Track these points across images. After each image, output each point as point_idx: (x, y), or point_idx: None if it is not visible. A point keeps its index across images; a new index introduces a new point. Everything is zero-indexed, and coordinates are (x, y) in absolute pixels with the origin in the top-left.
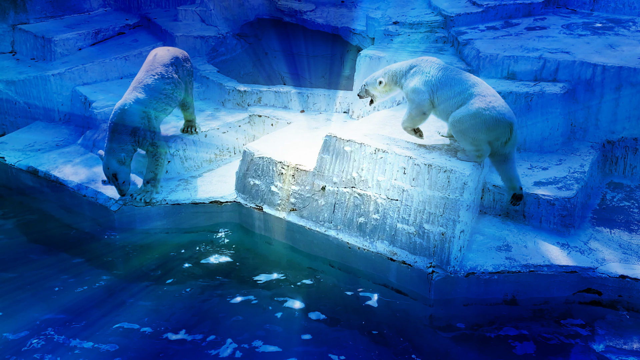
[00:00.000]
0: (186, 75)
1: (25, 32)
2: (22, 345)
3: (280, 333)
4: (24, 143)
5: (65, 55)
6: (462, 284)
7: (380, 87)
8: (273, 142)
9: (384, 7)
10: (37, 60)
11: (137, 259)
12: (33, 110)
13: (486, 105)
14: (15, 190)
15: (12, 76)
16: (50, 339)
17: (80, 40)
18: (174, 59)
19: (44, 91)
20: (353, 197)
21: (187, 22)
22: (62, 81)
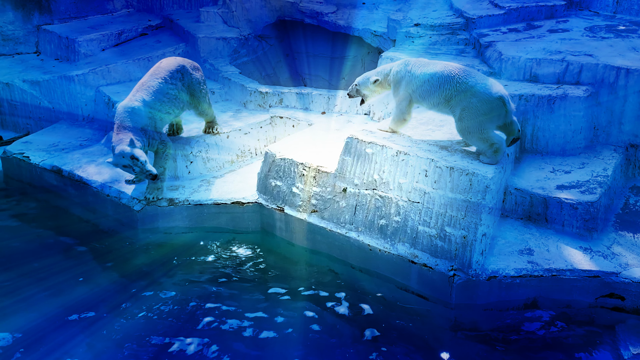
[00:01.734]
0: (194, 84)
1: (50, 33)
2: (34, 336)
3: (299, 334)
4: (48, 143)
5: (88, 55)
6: (483, 287)
7: (373, 85)
8: (294, 144)
9: (405, 9)
10: (61, 60)
11: (159, 257)
12: (57, 111)
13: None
14: (39, 188)
15: (36, 76)
16: (63, 331)
17: (103, 41)
18: (180, 67)
19: (67, 91)
20: (374, 199)
21: (209, 23)
22: (86, 82)
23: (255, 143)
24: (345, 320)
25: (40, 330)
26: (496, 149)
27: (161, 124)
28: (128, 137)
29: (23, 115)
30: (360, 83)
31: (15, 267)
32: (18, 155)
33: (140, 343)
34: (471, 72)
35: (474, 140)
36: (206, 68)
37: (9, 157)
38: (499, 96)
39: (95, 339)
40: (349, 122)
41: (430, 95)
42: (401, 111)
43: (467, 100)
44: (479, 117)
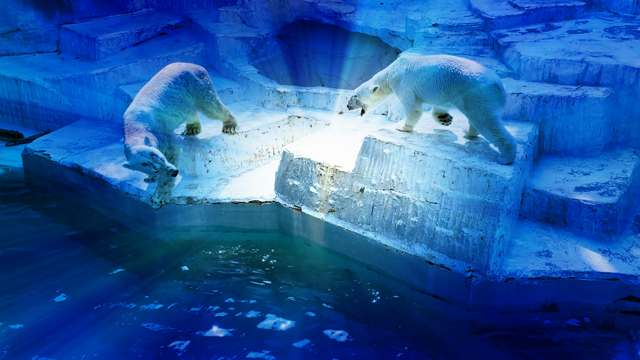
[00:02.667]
0: (198, 90)
1: (70, 32)
2: (49, 327)
3: (315, 334)
4: (68, 140)
5: (108, 54)
6: (501, 289)
7: (373, 94)
8: (312, 143)
9: (423, 9)
10: (81, 59)
11: (176, 255)
12: (77, 109)
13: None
14: (59, 186)
15: (57, 75)
16: (73, 325)
17: (123, 40)
18: (184, 74)
19: (88, 90)
20: (391, 199)
21: (228, 23)
22: (106, 80)
23: (273, 142)
24: (361, 320)
25: (54, 321)
26: (508, 146)
27: (170, 127)
28: (142, 137)
29: (44, 114)
30: (359, 94)
31: (32, 261)
32: (39, 153)
33: (153, 336)
34: (464, 62)
35: (485, 130)
36: (225, 67)
37: (29, 154)
38: (494, 83)
39: (108, 331)
40: (366, 122)
41: (429, 89)
42: (409, 105)
43: (466, 90)
44: (482, 103)
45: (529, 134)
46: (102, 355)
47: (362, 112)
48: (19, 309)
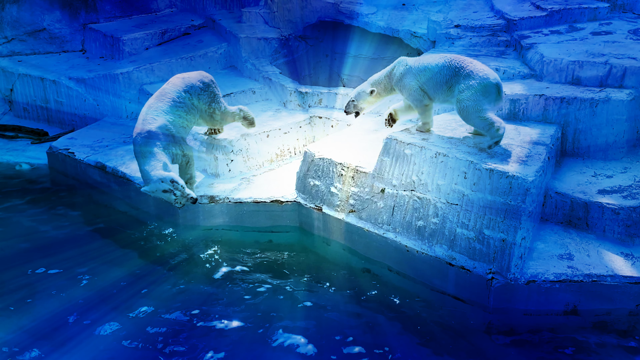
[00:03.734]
0: (203, 103)
1: (95, 31)
2: (62, 319)
3: (335, 334)
4: (92, 139)
5: (133, 54)
6: (522, 291)
7: (371, 97)
8: (333, 144)
9: (445, 10)
10: (106, 58)
11: (197, 253)
12: (101, 108)
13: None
14: (84, 184)
15: (82, 74)
16: (90, 316)
17: (147, 39)
18: (189, 87)
19: (112, 89)
20: (412, 200)
21: (251, 23)
22: (130, 80)
23: (295, 142)
24: (380, 321)
25: (72, 312)
26: (498, 127)
27: (180, 136)
28: (160, 161)
29: (68, 112)
30: (356, 98)
31: (53, 254)
32: (63, 151)
33: (169, 330)
34: (468, 59)
35: (474, 119)
36: (247, 68)
37: (54, 152)
38: (497, 82)
39: (124, 322)
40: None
41: (433, 85)
42: (418, 100)
43: (466, 82)
44: (478, 96)
45: (552, 136)
46: (117, 345)
47: (356, 114)
48: (40, 300)
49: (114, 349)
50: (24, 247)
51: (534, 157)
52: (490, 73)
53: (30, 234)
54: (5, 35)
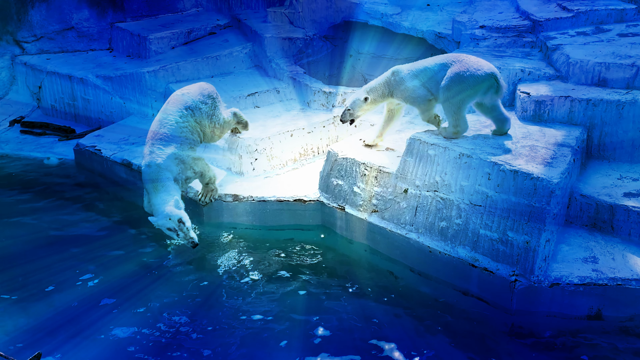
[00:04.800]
0: (204, 117)
1: (122, 30)
2: (74, 311)
3: (356, 333)
4: (119, 137)
5: (159, 53)
6: (545, 294)
7: (366, 104)
8: (356, 143)
9: (470, 10)
10: (132, 57)
11: (220, 250)
12: (128, 106)
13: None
14: (109, 181)
15: (109, 72)
16: (101, 309)
17: (173, 39)
18: (189, 104)
19: (138, 87)
20: (435, 201)
21: (276, 23)
22: (156, 78)
23: (318, 142)
24: (401, 321)
25: (85, 303)
26: (457, 132)
27: (190, 157)
28: (172, 197)
29: (95, 110)
30: (352, 106)
31: (78, 246)
32: (90, 148)
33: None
34: (464, 55)
35: (449, 113)
36: (272, 67)
37: (81, 149)
38: (491, 72)
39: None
40: (410, 123)
41: (435, 84)
42: (421, 96)
43: (458, 74)
44: (465, 91)
45: (577, 138)
46: (133, 335)
47: (351, 122)
48: (60, 291)
49: (131, 337)
50: (48, 240)
51: (559, 159)
52: (483, 67)
53: (55, 228)
54: (34, 34)
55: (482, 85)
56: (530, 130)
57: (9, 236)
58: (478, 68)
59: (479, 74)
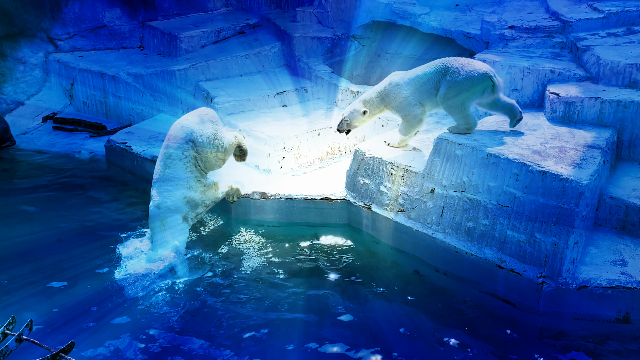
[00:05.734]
0: (207, 145)
1: (154, 29)
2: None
3: (380, 330)
4: (149, 134)
5: (189, 51)
6: (573, 297)
7: (364, 117)
8: (383, 143)
9: (499, 11)
10: (163, 55)
11: (246, 247)
12: (158, 103)
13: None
14: (139, 177)
15: (140, 70)
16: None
17: (203, 37)
18: (188, 136)
19: (169, 85)
20: (462, 201)
21: (305, 23)
22: (186, 76)
23: (345, 141)
24: (426, 320)
25: (105, 292)
26: (468, 127)
27: (199, 191)
28: (172, 242)
29: (126, 107)
30: (349, 117)
31: (106, 237)
32: (121, 145)
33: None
34: (455, 58)
35: (455, 114)
36: (300, 66)
37: (112, 145)
38: (484, 72)
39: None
40: (437, 123)
41: (425, 91)
42: (412, 106)
43: (453, 78)
44: (463, 93)
45: (607, 140)
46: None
47: (347, 132)
48: (82, 281)
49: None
50: (78, 232)
51: (588, 161)
52: (477, 65)
53: (85, 220)
54: (67, 32)
55: (478, 87)
56: (559, 131)
57: (42, 229)
58: (472, 70)
59: (474, 74)
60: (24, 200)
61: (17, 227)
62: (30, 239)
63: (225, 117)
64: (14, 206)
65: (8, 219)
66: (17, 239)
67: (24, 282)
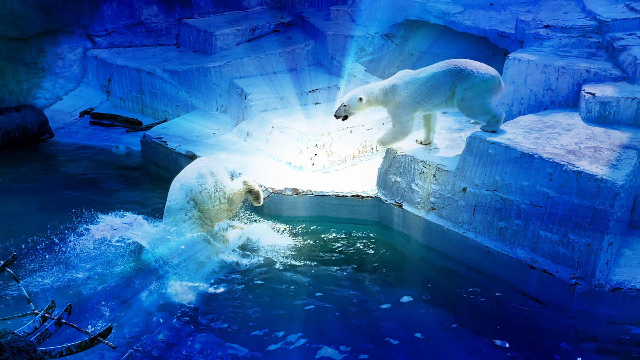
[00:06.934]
0: (208, 200)
1: (189, 26)
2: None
3: (411, 326)
4: (184, 129)
5: (224, 49)
6: (606, 298)
7: (361, 104)
8: (415, 141)
9: (534, 10)
10: (198, 52)
11: (280, 242)
12: (193, 99)
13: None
14: (174, 172)
15: (176, 66)
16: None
17: (238, 35)
18: (189, 191)
19: (204, 82)
20: (494, 200)
21: (338, 21)
22: (221, 73)
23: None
24: (456, 317)
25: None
26: (497, 120)
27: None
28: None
29: (162, 103)
30: (348, 103)
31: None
32: (156, 140)
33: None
34: (463, 60)
35: (478, 115)
36: (333, 65)
37: (147, 141)
38: (496, 75)
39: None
40: (469, 121)
41: (434, 93)
42: (407, 109)
43: (470, 82)
44: (482, 93)
45: None
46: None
47: (344, 117)
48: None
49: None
50: (106, 222)
51: (624, 161)
52: (488, 68)
53: (114, 208)
54: (105, 28)
55: (493, 87)
56: (594, 131)
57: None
58: (486, 72)
59: (489, 76)
60: (62, 188)
61: (58, 213)
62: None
63: (258, 113)
64: (54, 194)
65: (49, 208)
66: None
67: (57, 270)
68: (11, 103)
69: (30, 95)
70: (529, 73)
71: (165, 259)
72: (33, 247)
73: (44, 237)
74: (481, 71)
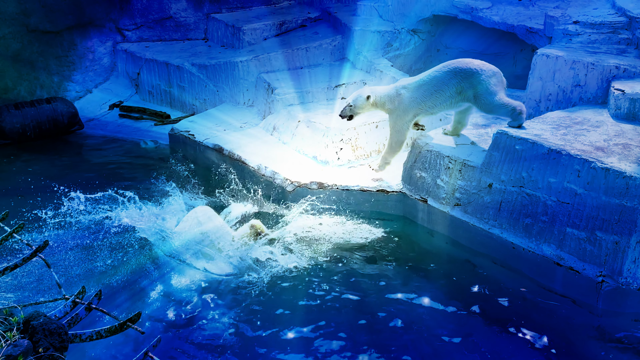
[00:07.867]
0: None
1: (218, 21)
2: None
3: (435, 322)
4: (211, 123)
5: (252, 44)
6: (634, 297)
7: (368, 103)
8: (441, 137)
9: (563, 6)
10: (226, 47)
11: (303, 236)
12: (221, 93)
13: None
14: (201, 165)
15: (204, 61)
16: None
17: (266, 30)
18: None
19: (231, 76)
20: (521, 196)
21: (365, 16)
22: (249, 68)
23: None
24: (483, 314)
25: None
26: (520, 111)
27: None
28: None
29: (190, 96)
30: (354, 103)
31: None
32: (184, 133)
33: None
34: (464, 60)
35: (497, 109)
36: (360, 60)
37: (175, 134)
38: (499, 71)
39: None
40: (497, 118)
41: (439, 95)
42: (408, 114)
43: (476, 79)
44: (491, 88)
45: None
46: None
47: (350, 117)
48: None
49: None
50: (134, 212)
51: None
52: (491, 66)
53: (142, 198)
54: (135, 22)
55: (499, 80)
56: (623, 128)
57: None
58: (490, 68)
59: (494, 71)
60: (90, 178)
61: (86, 202)
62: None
63: (285, 108)
64: (82, 183)
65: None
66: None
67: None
68: (42, 96)
69: (61, 88)
70: (558, 69)
71: (180, 251)
72: (61, 235)
73: (72, 225)
74: (484, 68)
